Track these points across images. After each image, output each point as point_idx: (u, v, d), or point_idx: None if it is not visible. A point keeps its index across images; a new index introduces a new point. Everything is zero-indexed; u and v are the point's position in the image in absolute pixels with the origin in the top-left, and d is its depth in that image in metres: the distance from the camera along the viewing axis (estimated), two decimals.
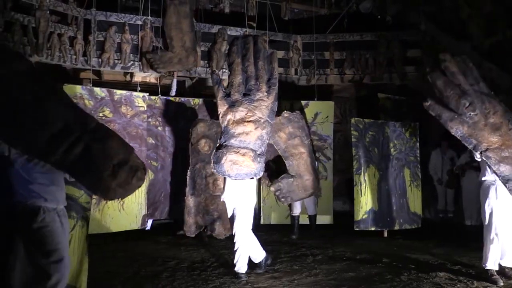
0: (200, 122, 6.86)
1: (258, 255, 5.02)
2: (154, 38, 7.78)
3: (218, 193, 6.27)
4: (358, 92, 9.89)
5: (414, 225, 7.35)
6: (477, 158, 4.62)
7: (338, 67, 8.87)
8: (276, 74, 5.23)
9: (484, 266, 4.63)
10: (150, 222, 7.37)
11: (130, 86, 8.17)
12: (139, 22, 7.78)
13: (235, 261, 4.79)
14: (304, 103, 8.07)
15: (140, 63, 7.75)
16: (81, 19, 7.58)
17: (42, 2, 6.95)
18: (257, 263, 5.03)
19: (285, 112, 6.29)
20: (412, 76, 8.63)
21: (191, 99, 7.92)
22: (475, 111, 4.43)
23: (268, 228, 7.57)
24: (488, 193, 4.66)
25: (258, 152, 4.80)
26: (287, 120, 6.15)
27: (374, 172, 7.12)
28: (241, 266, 4.77)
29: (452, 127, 4.51)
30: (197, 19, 8.42)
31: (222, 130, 4.91)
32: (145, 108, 7.25)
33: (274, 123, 6.06)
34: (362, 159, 7.07)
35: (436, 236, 7.08)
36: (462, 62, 4.72)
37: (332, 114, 8.30)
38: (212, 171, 4.92)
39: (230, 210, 5.00)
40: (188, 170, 6.76)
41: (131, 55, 7.75)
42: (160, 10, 7.71)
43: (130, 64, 7.75)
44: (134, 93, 7.22)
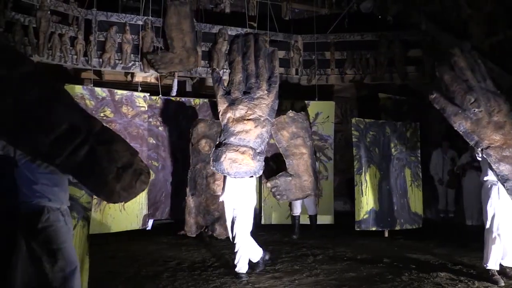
0: (201, 122, 6.87)
1: (256, 254, 5.01)
2: (154, 38, 7.79)
3: (218, 193, 6.27)
4: (359, 92, 9.89)
5: (415, 225, 7.35)
6: (478, 157, 4.61)
7: (339, 67, 8.87)
8: (276, 72, 5.22)
9: (485, 266, 4.62)
10: (151, 222, 7.38)
11: (131, 86, 8.18)
12: (140, 22, 7.79)
13: (235, 261, 4.79)
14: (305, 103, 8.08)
15: (141, 63, 7.76)
16: (82, 19, 7.59)
17: (43, 2, 6.96)
18: (255, 262, 5.02)
19: (290, 111, 6.29)
20: (413, 76, 8.63)
21: (192, 99, 7.94)
22: (479, 107, 4.43)
23: (269, 228, 7.58)
24: (490, 193, 4.64)
25: (257, 150, 4.78)
26: (291, 120, 6.15)
27: (375, 172, 7.12)
28: (242, 266, 4.77)
29: (455, 122, 4.50)
30: (197, 19, 8.43)
31: (222, 128, 4.90)
32: (146, 108, 7.26)
33: (278, 121, 6.09)
34: (363, 159, 7.07)
35: (437, 236, 7.07)
36: (471, 58, 4.73)
37: (333, 114, 8.31)
38: (211, 169, 4.90)
39: (229, 210, 4.96)
40: (189, 170, 6.77)
41: (132, 55, 7.75)
42: (161, 10, 7.73)
43: (131, 64, 7.76)
44: (135, 93, 7.23)
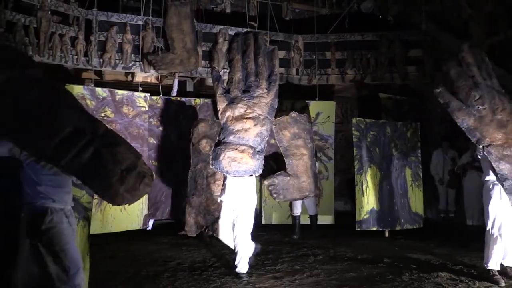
0: (201, 122, 6.87)
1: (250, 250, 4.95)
2: (155, 38, 7.79)
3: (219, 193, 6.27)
4: (360, 92, 9.89)
5: (415, 225, 7.35)
6: (479, 155, 4.62)
7: (339, 67, 8.86)
8: (276, 70, 5.20)
9: (486, 266, 4.62)
10: (151, 222, 7.38)
11: (131, 86, 8.18)
12: (140, 22, 7.78)
13: (236, 261, 4.78)
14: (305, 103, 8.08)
15: (141, 63, 7.76)
16: (82, 19, 7.59)
17: (43, 3, 6.96)
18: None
19: (293, 112, 6.29)
20: (414, 76, 8.62)
21: (192, 99, 7.94)
22: (484, 105, 4.44)
23: (270, 228, 7.58)
24: (491, 193, 4.63)
25: (257, 149, 4.77)
26: (294, 121, 6.15)
27: (375, 172, 7.12)
28: (242, 266, 4.77)
29: (458, 118, 4.50)
30: (198, 19, 8.43)
31: (221, 127, 4.89)
32: (146, 108, 7.27)
33: (280, 121, 6.08)
34: (363, 159, 7.06)
35: (437, 236, 7.07)
36: (478, 55, 4.74)
37: (334, 114, 8.31)
38: (211, 167, 4.89)
39: (228, 211, 4.92)
40: (189, 170, 6.77)
41: (133, 55, 7.75)
42: (161, 10, 7.72)
43: (131, 64, 7.76)
44: (136, 93, 7.23)
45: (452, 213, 8.53)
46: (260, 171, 4.84)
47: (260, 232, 6.89)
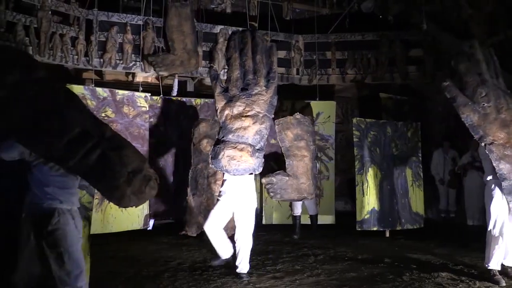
0: (202, 122, 6.87)
1: (225, 250, 4.91)
2: (155, 38, 7.79)
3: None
4: (360, 92, 9.89)
5: (416, 225, 7.35)
6: (481, 155, 4.63)
7: (340, 67, 8.86)
8: (275, 67, 5.18)
9: (487, 266, 4.61)
10: (152, 222, 7.37)
11: (132, 86, 8.18)
12: (141, 22, 7.78)
13: (237, 262, 4.78)
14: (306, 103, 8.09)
15: (141, 63, 7.76)
16: (82, 19, 7.59)
17: (44, 3, 6.96)
18: (220, 257, 4.93)
19: (297, 114, 6.29)
20: (414, 76, 8.62)
21: (193, 99, 7.94)
22: (489, 102, 4.45)
23: (270, 228, 7.59)
24: (493, 193, 4.63)
25: (256, 147, 4.75)
26: (297, 122, 6.15)
27: (376, 172, 7.12)
28: (243, 266, 4.77)
29: (463, 113, 4.50)
30: (198, 19, 8.43)
31: (221, 126, 4.87)
32: (147, 108, 7.27)
33: (284, 121, 6.08)
34: (364, 159, 7.07)
35: (438, 236, 7.07)
36: (488, 53, 4.75)
37: (334, 114, 8.31)
38: (211, 166, 4.88)
39: (226, 210, 4.86)
40: (190, 170, 6.77)
41: (133, 55, 7.74)
42: (162, 10, 7.72)
43: (131, 64, 7.76)
44: (136, 93, 7.24)
45: (452, 213, 8.53)
46: (260, 169, 4.81)
47: (260, 232, 6.89)
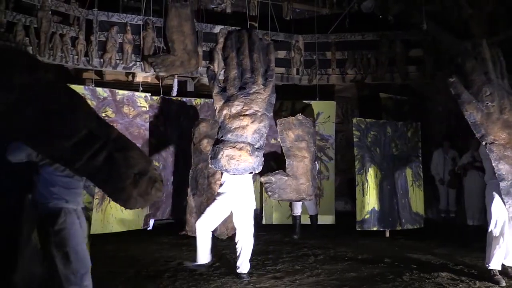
0: (202, 122, 6.87)
1: (203, 257, 4.91)
2: (156, 38, 7.79)
3: None
4: (360, 92, 9.89)
5: (416, 225, 7.35)
6: (482, 155, 4.63)
7: (340, 67, 8.86)
8: (273, 65, 5.16)
9: (487, 266, 4.61)
10: (152, 222, 7.38)
11: (132, 86, 8.19)
12: (141, 22, 7.78)
13: (238, 262, 4.77)
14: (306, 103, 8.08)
15: (141, 63, 7.76)
16: (83, 19, 7.59)
17: (44, 3, 6.96)
18: (195, 263, 4.93)
19: (299, 115, 6.29)
20: (414, 76, 8.62)
21: (193, 99, 7.95)
22: (493, 101, 4.46)
23: (270, 228, 7.59)
24: (494, 193, 4.62)
25: (256, 146, 4.74)
26: (299, 123, 6.16)
27: (376, 172, 7.12)
28: (244, 267, 4.77)
29: (467, 110, 4.50)
30: (198, 19, 8.43)
31: (219, 126, 4.87)
32: (147, 108, 7.28)
33: (285, 121, 6.09)
34: (364, 159, 7.07)
35: (438, 236, 7.07)
36: (495, 53, 4.76)
37: (334, 114, 8.31)
38: (210, 166, 4.88)
39: (222, 209, 4.85)
40: (190, 170, 6.78)
41: (133, 55, 7.75)
42: (162, 10, 7.73)
43: (132, 64, 7.76)
44: (136, 93, 7.24)
45: (452, 213, 8.52)
46: (260, 168, 4.79)
47: (260, 232, 6.88)
